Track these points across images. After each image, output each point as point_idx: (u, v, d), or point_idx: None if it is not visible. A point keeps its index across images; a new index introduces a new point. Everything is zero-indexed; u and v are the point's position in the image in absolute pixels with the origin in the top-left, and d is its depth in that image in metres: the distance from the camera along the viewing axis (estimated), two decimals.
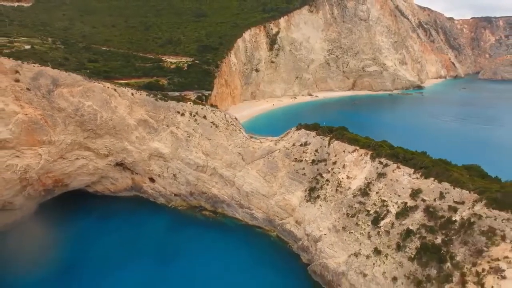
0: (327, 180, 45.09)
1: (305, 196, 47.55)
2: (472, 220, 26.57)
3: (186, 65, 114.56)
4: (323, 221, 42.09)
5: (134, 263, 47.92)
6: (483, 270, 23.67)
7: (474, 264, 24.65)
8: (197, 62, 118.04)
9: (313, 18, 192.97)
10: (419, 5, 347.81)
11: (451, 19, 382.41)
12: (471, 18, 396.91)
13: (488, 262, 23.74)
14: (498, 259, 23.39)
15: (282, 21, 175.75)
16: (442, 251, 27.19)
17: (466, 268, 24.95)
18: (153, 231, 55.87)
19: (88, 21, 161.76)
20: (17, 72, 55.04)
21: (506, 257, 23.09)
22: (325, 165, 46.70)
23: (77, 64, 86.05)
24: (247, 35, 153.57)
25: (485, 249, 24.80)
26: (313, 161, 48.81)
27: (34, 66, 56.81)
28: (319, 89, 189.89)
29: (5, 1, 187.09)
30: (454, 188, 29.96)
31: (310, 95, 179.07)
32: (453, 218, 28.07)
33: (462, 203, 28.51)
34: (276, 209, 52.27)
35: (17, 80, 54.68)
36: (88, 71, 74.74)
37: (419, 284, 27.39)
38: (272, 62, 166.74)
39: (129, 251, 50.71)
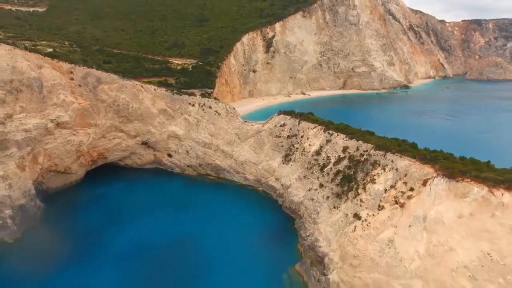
0: (297, 148, 64.37)
1: (282, 160, 66.91)
2: (367, 158, 45.76)
3: (190, 66, 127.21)
4: (292, 175, 61.44)
5: (158, 212, 64.08)
6: (367, 181, 42.81)
7: (363, 180, 43.78)
8: (200, 63, 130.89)
9: (306, 22, 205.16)
10: (411, 8, 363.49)
11: (442, 21, 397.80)
12: (462, 20, 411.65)
13: (370, 177, 42.81)
14: (374, 175, 42.43)
15: (278, 25, 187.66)
16: (351, 177, 46.36)
17: (360, 182, 44.12)
18: (171, 191, 73.87)
19: (99, 25, 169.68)
20: (71, 72, 73.73)
21: (378, 173, 42.15)
22: (296, 138, 65.98)
23: (95, 66, 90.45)
24: (245, 39, 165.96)
25: (370, 171, 43.88)
26: (288, 136, 68.03)
27: (83, 68, 75.72)
28: (312, 88, 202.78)
29: (22, 6, 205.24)
30: (364, 143, 48.94)
31: (303, 93, 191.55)
32: (360, 159, 47.18)
33: (367, 151, 47.49)
34: (263, 172, 71.51)
35: (71, 79, 73.31)
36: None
37: (338, 196, 46.68)
38: (268, 63, 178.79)
39: (154, 203, 67.41)
